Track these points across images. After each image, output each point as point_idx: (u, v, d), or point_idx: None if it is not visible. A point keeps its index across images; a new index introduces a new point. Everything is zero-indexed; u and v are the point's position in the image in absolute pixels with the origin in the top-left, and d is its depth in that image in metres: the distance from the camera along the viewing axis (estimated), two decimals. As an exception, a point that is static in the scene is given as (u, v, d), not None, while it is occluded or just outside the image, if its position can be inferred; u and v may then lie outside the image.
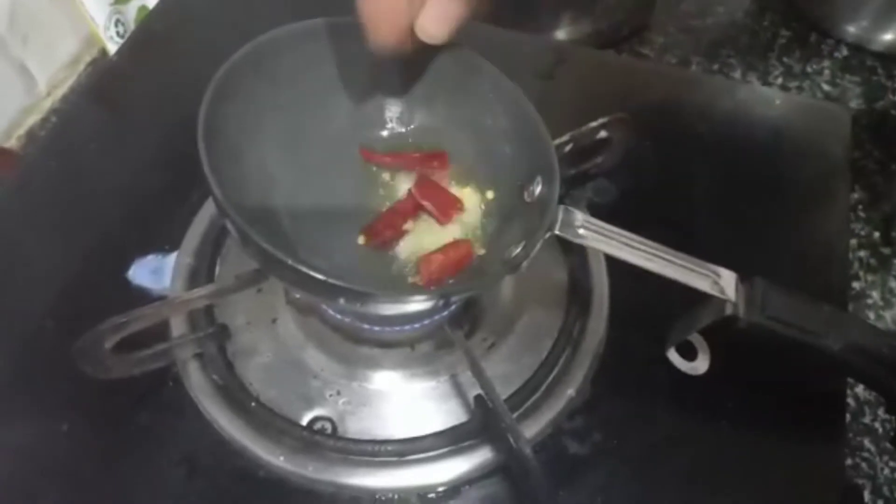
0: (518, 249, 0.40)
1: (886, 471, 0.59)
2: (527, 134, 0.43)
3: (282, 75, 0.44)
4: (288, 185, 0.44)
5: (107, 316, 0.40)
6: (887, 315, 0.66)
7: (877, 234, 0.71)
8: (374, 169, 0.47)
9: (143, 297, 0.50)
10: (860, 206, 0.73)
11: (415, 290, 0.40)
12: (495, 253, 0.43)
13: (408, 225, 0.45)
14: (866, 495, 0.58)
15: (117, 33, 0.76)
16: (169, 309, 0.42)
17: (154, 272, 0.51)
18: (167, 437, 0.45)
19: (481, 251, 0.43)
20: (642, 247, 0.40)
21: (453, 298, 0.39)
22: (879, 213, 0.73)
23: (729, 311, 0.41)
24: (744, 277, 0.42)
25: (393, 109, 0.48)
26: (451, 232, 0.45)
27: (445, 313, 0.46)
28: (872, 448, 0.60)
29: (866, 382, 0.45)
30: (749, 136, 0.60)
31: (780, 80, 0.82)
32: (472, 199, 0.45)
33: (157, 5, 0.70)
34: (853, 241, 0.71)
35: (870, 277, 0.69)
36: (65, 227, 0.55)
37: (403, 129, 0.48)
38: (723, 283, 0.41)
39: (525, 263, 0.39)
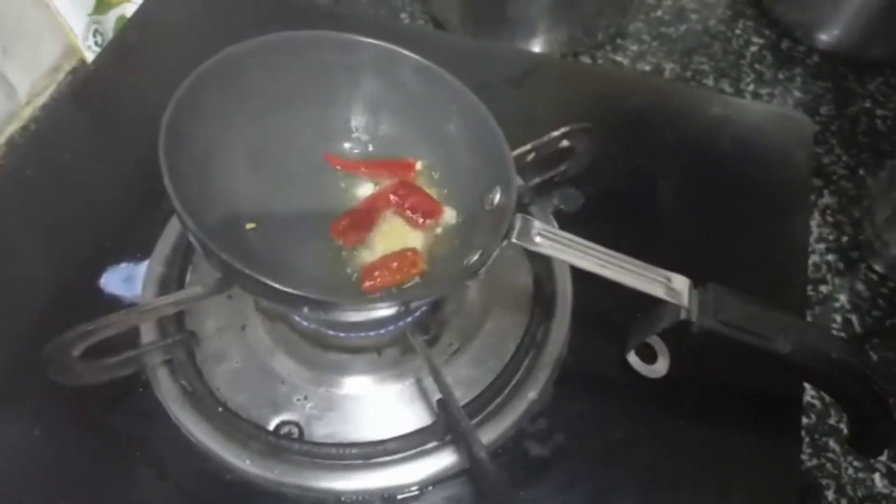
0: (475, 257, 0.41)
1: (850, 470, 0.60)
2: (487, 145, 0.45)
3: (247, 87, 0.45)
4: (253, 193, 0.45)
5: (78, 323, 0.41)
6: (854, 318, 0.68)
7: (845, 239, 0.72)
8: (336, 178, 0.48)
9: (115, 304, 0.51)
10: (828, 211, 0.74)
11: (374, 298, 0.41)
12: (453, 260, 0.44)
13: (377, 226, 0.46)
14: (830, 494, 0.59)
15: (96, 43, 0.76)
16: (136, 317, 0.43)
17: (126, 280, 0.52)
18: (137, 442, 0.46)
19: (434, 259, 0.44)
20: (598, 254, 0.42)
21: (414, 304, 0.40)
22: (848, 217, 0.74)
23: (683, 315, 0.42)
24: (697, 283, 0.43)
25: (358, 119, 0.49)
26: (414, 238, 0.46)
27: (409, 319, 0.47)
28: (837, 448, 0.61)
29: (818, 384, 0.46)
30: (714, 143, 0.61)
31: (752, 87, 0.84)
32: (434, 207, 0.46)
33: (134, 16, 0.71)
34: (821, 245, 0.72)
35: (837, 281, 0.70)
36: (41, 235, 0.56)
37: (368, 139, 0.49)
38: (676, 287, 0.42)
39: (482, 270, 0.40)
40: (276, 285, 0.35)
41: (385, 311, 0.39)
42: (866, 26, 0.85)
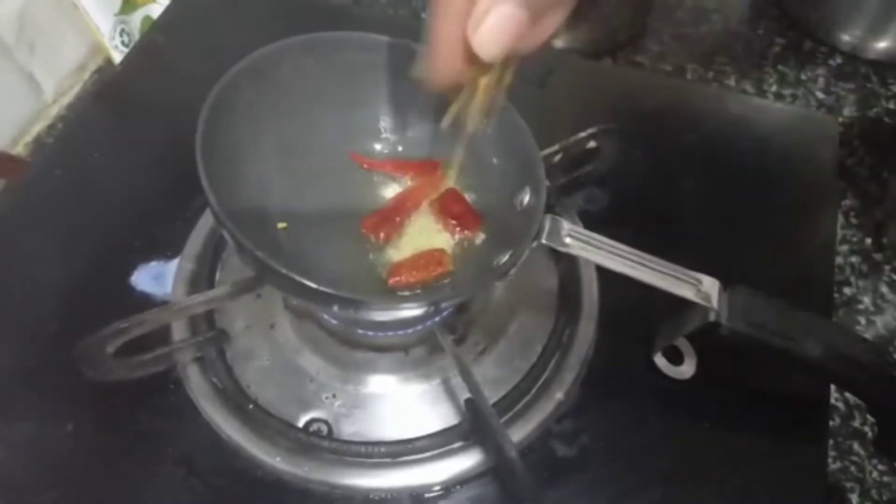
0: (505, 258, 0.41)
1: (875, 474, 0.60)
2: (516, 145, 0.45)
3: (279, 87, 0.45)
4: (283, 192, 0.46)
5: (110, 320, 0.42)
6: (878, 320, 0.67)
7: (868, 241, 0.72)
8: (363, 177, 0.49)
9: (145, 302, 0.52)
10: (852, 213, 0.74)
11: (403, 297, 0.41)
12: (481, 261, 0.44)
13: (406, 224, 0.47)
14: (854, 498, 0.59)
15: (122, 42, 0.77)
16: (169, 315, 0.43)
17: (156, 278, 0.53)
18: (167, 438, 0.47)
19: (462, 260, 0.45)
20: (627, 255, 0.42)
21: (444, 304, 0.40)
22: (871, 219, 0.73)
23: (712, 317, 0.42)
24: (727, 285, 0.43)
25: (386, 120, 0.49)
26: (442, 238, 0.46)
27: (437, 319, 0.47)
28: (861, 452, 0.61)
29: (846, 387, 0.46)
30: (738, 145, 0.61)
31: (774, 88, 0.83)
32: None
33: (161, 16, 0.72)
34: (844, 247, 0.71)
35: (861, 283, 0.70)
36: (70, 233, 0.57)
37: (396, 139, 0.50)
38: (706, 290, 0.42)
39: (513, 271, 0.40)
40: (308, 282, 0.36)
41: (413, 310, 0.39)
42: (888, 27, 0.85)
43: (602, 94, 0.65)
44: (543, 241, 0.41)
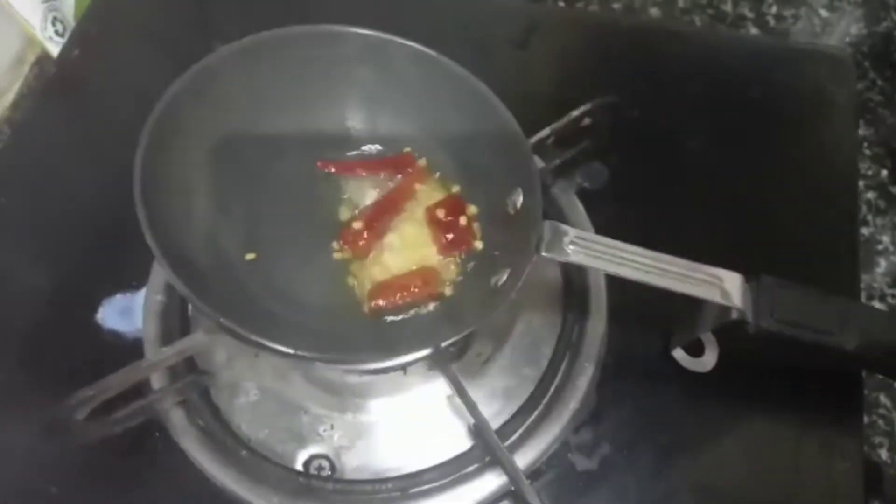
0: (504, 277, 0.37)
1: (904, 426, 0.57)
2: (500, 137, 0.40)
3: (225, 102, 0.40)
4: (247, 219, 0.41)
5: (81, 366, 0.39)
6: (899, 261, 0.64)
7: (884, 173, 0.67)
8: (337, 186, 0.44)
9: (116, 340, 0.48)
10: (865, 144, 0.69)
11: (400, 349, 0.36)
12: (477, 277, 0.40)
13: (390, 233, 0.42)
14: (884, 453, 0.57)
15: (56, 32, 0.70)
16: (137, 373, 0.39)
17: (123, 313, 0.48)
18: (159, 491, 0.43)
19: (453, 275, 0.41)
20: (637, 259, 0.37)
21: (444, 345, 0.36)
22: (886, 148, 0.68)
23: (736, 315, 0.38)
24: (749, 277, 0.39)
25: (354, 119, 0.44)
26: (430, 251, 0.42)
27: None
28: (888, 403, 0.58)
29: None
30: (745, 94, 0.56)
31: (774, 9, 0.76)
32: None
33: (92, 4, 0.64)
34: (860, 183, 0.67)
35: (879, 221, 0.65)
36: (24, 268, 0.52)
37: (366, 138, 0.44)
38: (728, 287, 0.38)
39: (513, 294, 0.36)
40: (282, 348, 0.31)
41: (409, 357, 0.35)
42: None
43: (591, 50, 0.59)
44: (544, 254, 0.37)
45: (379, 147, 0.44)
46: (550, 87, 0.52)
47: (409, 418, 0.45)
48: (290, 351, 0.31)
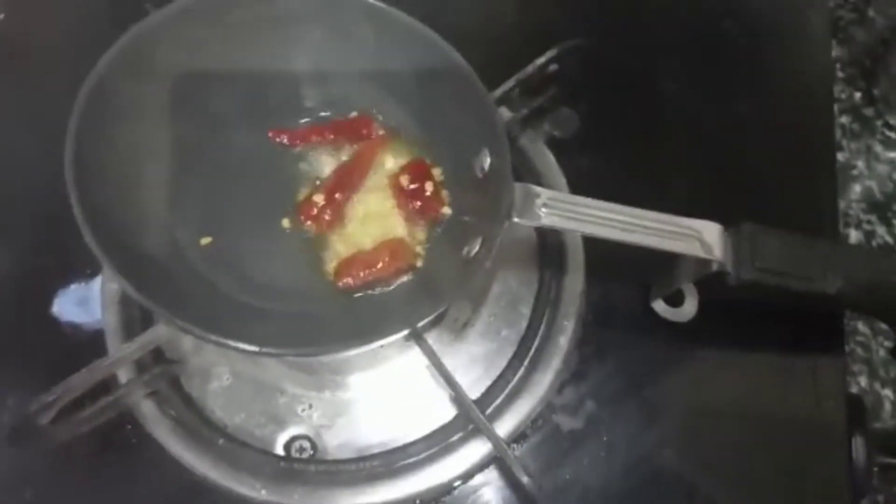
0: (476, 246, 0.35)
1: (882, 352, 0.58)
2: (461, 94, 0.37)
3: (164, 73, 0.37)
4: (198, 200, 0.39)
5: (42, 365, 0.39)
6: (874, 185, 0.63)
7: (858, 95, 0.66)
8: (293, 158, 0.41)
9: (76, 333, 0.45)
10: (838, 65, 0.67)
11: (375, 334, 0.34)
12: (448, 244, 0.38)
13: (352, 205, 0.40)
14: (863, 380, 0.57)
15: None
16: (99, 373, 0.37)
17: (81, 304, 0.46)
18: (138, 485, 0.42)
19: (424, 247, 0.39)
20: (612, 217, 0.36)
21: (421, 324, 0.34)
22: (860, 68, 0.67)
23: (716, 267, 0.37)
24: (728, 225, 0.38)
25: (306, 85, 0.41)
26: (399, 221, 0.39)
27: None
28: (867, 331, 0.58)
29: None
30: (718, 27, 0.53)
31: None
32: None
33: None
34: (834, 107, 0.65)
35: (853, 145, 0.64)
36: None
37: (319, 103, 0.42)
38: (707, 239, 0.37)
39: (488, 264, 0.34)
40: (243, 345, 0.30)
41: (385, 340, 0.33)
42: None
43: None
44: (516, 220, 0.35)
45: (335, 112, 0.41)
46: (514, 33, 0.49)
47: (389, 391, 0.43)
48: (255, 349, 0.29)
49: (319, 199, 0.40)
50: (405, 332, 0.33)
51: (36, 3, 0.56)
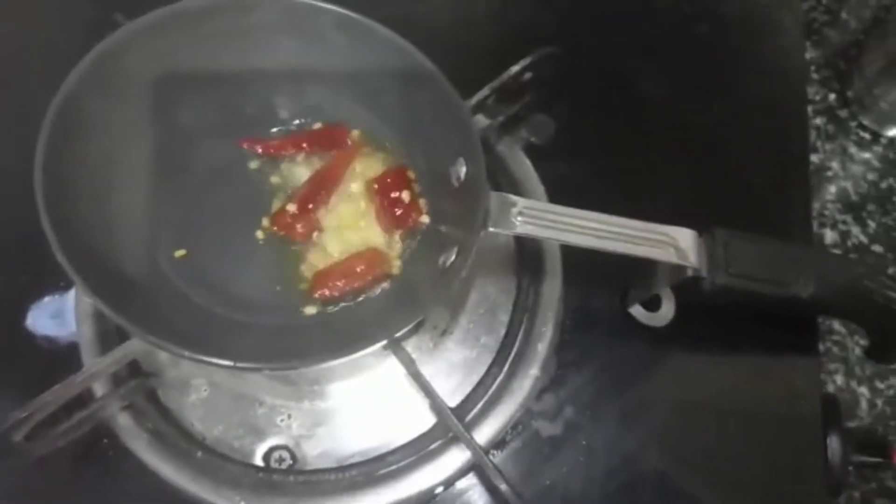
0: (452, 256, 0.35)
1: (858, 350, 0.58)
2: (435, 103, 0.37)
3: (134, 86, 0.36)
4: (171, 213, 0.38)
5: (16, 379, 0.38)
6: (849, 186, 0.63)
7: (832, 97, 0.66)
8: (266, 168, 0.41)
9: (50, 347, 0.45)
10: (812, 67, 0.67)
11: (351, 347, 0.33)
12: (425, 254, 0.38)
13: (327, 213, 0.40)
14: (839, 378, 0.58)
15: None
16: (73, 388, 0.37)
17: (55, 316, 0.45)
18: (115, 499, 0.42)
19: (400, 255, 0.39)
20: (590, 225, 0.36)
21: (399, 334, 0.34)
22: (834, 70, 0.67)
23: (690, 273, 0.37)
24: (705, 228, 0.38)
25: (279, 94, 0.41)
26: (375, 230, 0.39)
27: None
28: (842, 330, 0.59)
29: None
30: (693, 30, 0.53)
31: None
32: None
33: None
34: (808, 108, 0.66)
35: (828, 146, 0.65)
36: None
37: (293, 114, 0.41)
38: (682, 245, 0.37)
39: (464, 273, 0.34)
40: (220, 361, 0.29)
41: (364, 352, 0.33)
42: None
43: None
44: (491, 229, 0.35)
45: (308, 121, 0.41)
46: (489, 40, 0.49)
47: (368, 400, 0.43)
48: (230, 363, 0.29)
49: (293, 208, 0.40)
50: (383, 342, 0.33)
51: (4, 17, 0.56)
